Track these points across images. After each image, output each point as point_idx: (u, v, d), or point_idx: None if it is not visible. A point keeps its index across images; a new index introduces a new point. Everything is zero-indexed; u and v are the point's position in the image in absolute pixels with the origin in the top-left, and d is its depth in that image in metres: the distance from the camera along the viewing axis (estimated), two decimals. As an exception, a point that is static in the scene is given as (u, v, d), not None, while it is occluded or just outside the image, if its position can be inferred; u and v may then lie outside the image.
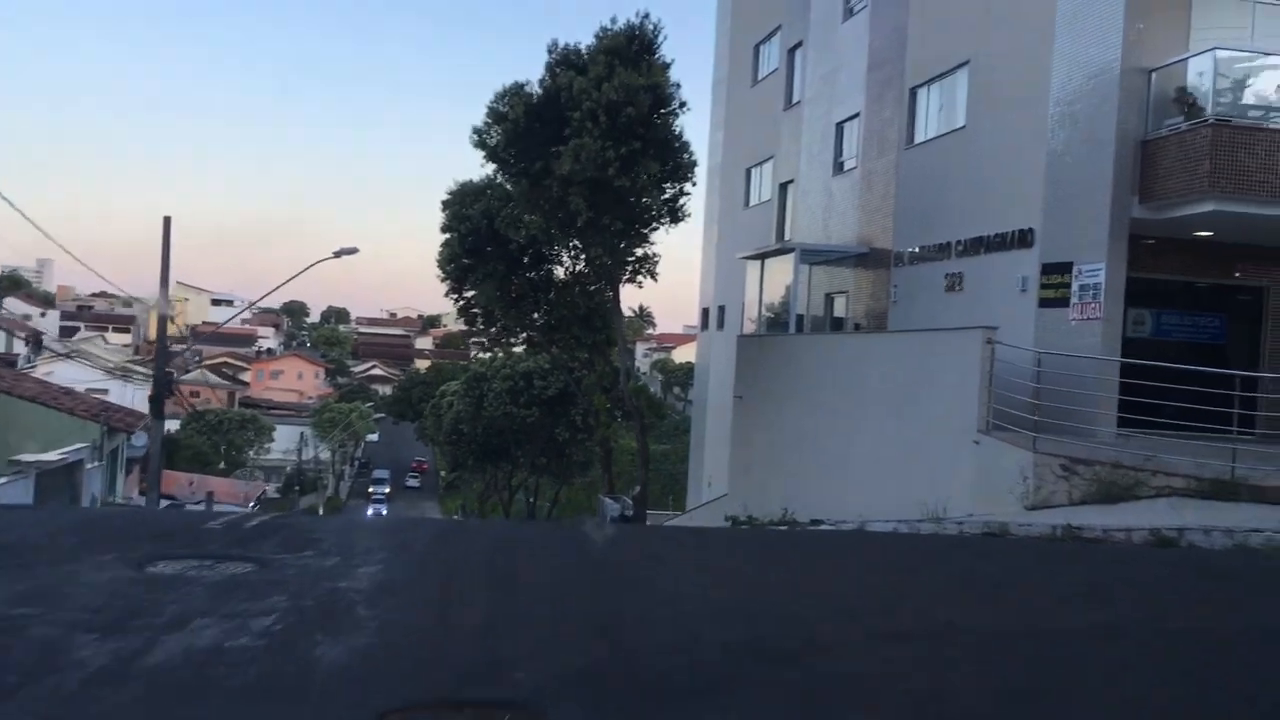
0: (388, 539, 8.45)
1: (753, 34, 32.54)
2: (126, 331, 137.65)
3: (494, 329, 28.45)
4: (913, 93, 22.33)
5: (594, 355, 28.11)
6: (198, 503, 46.44)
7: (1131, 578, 8.48)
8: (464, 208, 25.74)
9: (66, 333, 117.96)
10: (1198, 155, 14.71)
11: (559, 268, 26.91)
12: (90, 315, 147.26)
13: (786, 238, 27.92)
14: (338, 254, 31.54)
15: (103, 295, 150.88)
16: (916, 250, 21.58)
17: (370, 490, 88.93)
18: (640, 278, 25.08)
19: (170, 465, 65.03)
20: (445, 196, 26.57)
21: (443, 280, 27.41)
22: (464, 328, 29.23)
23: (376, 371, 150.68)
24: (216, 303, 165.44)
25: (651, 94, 21.33)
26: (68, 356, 44.41)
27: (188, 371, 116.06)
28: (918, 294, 21.39)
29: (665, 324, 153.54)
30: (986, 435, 14.80)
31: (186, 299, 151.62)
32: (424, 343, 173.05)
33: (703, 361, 35.86)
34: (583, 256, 25.02)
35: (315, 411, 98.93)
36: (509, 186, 23.67)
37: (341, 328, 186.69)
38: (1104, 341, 15.87)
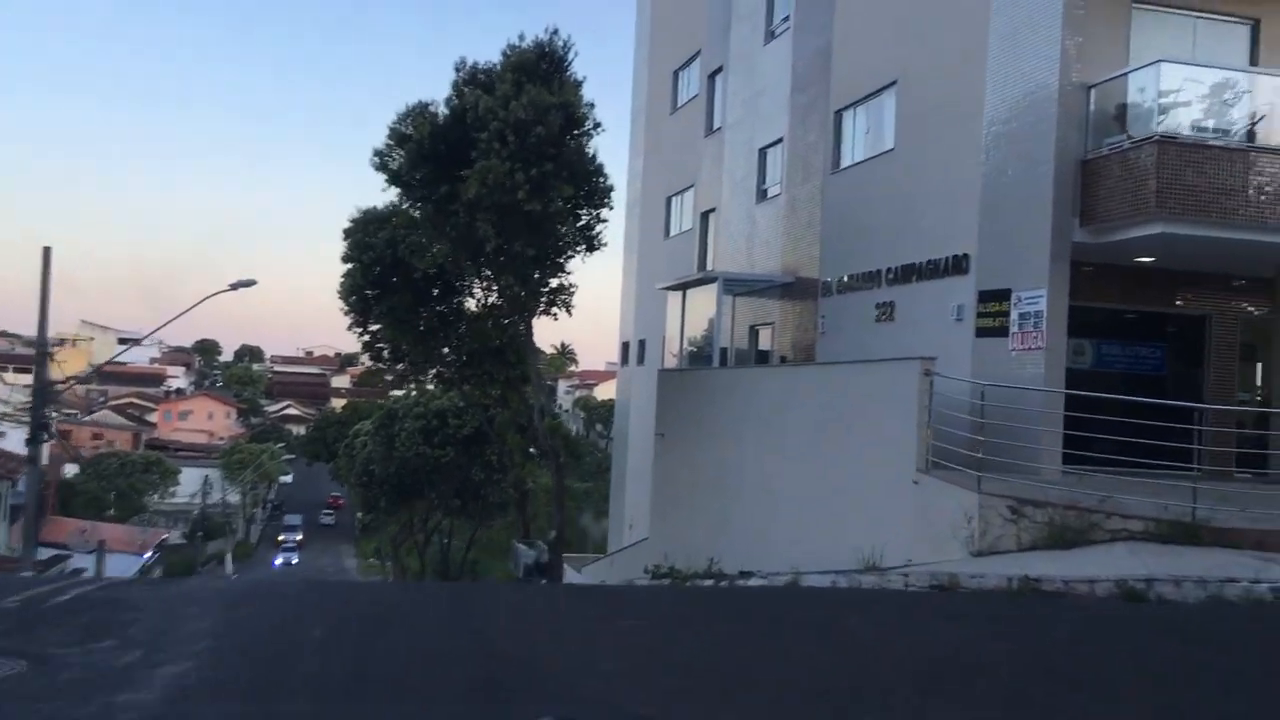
0: (223, 616, 6.86)
1: (672, 60, 31.56)
2: (28, 371, 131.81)
3: (402, 365, 26.74)
4: (838, 115, 21.38)
5: (508, 392, 26.54)
6: (89, 552, 43.57)
7: (1118, 647, 7.25)
8: (367, 236, 24.10)
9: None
10: (1143, 174, 13.83)
11: (470, 300, 25.37)
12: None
13: (709, 268, 26.78)
14: (234, 286, 29.66)
15: (3, 335, 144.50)
16: (845, 279, 20.53)
17: (280, 538, 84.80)
18: (555, 310, 23.66)
19: (66, 512, 61.46)
20: (347, 224, 24.89)
21: (346, 314, 25.65)
22: (370, 364, 27.41)
23: (291, 411, 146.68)
24: (124, 341, 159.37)
25: (563, 113, 20.01)
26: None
27: (91, 412, 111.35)
28: (846, 325, 20.32)
29: (588, 360, 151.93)
30: (926, 474, 13.63)
31: (92, 338, 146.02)
32: (341, 381, 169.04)
33: (623, 398, 34.50)
34: (494, 287, 23.53)
35: (224, 453, 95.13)
36: (414, 213, 22.15)
37: (256, 367, 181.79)
38: (1047, 373, 14.85)
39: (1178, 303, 17.12)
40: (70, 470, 79.17)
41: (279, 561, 75.97)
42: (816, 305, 21.67)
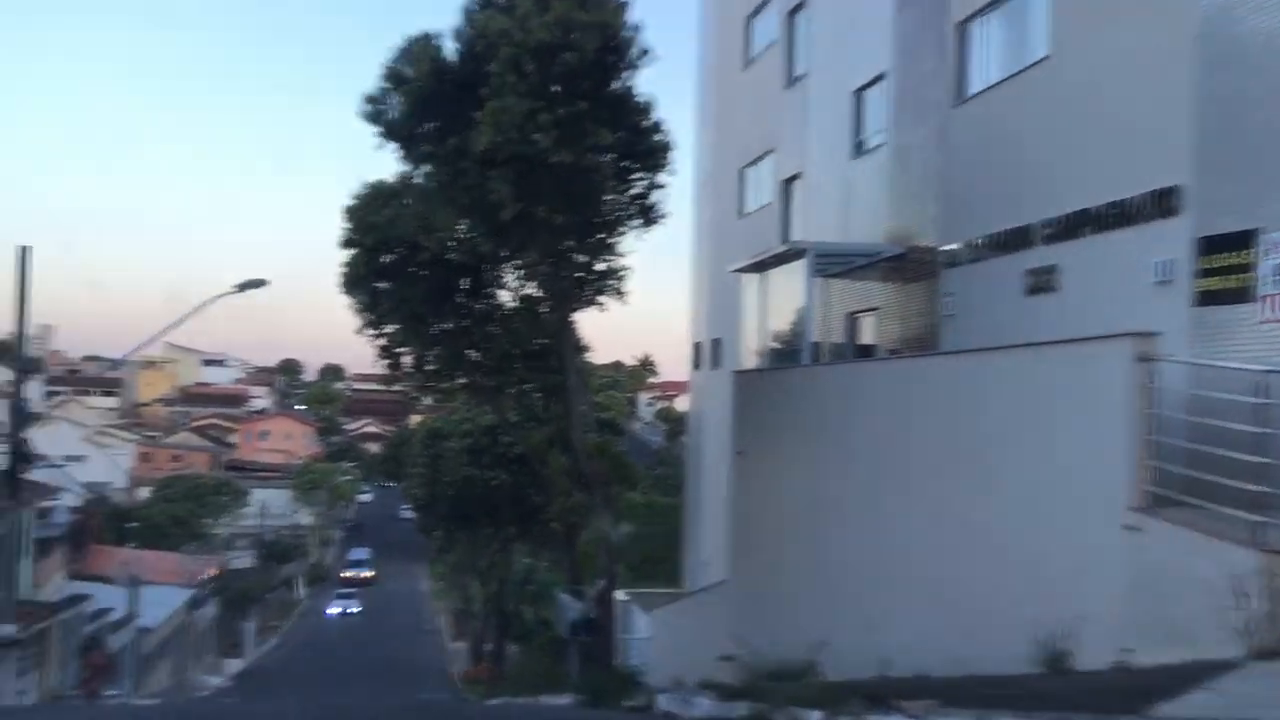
0: None
1: (743, 6, 26.63)
2: (114, 395, 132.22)
3: (428, 372, 22.15)
4: (961, 28, 16.28)
5: (552, 404, 21.80)
6: (138, 583, 39.85)
7: None
8: (371, 214, 19.64)
9: (51, 397, 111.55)
10: None
11: (505, 291, 20.72)
12: (77, 379, 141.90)
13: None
14: (242, 287, 25.68)
15: (94, 359, 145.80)
16: (978, 243, 15.41)
17: (343, 574, 76.33)
18: (602, 300, 18.91)
19: (122, 540, 58.44)
20: (350, 202, 20.36)
21: (358, 312, 21.18)
22: (388, 373, 22.86)
23: (371, 429, 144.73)
24: (209, 363, 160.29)
25: (600, 35, 15.32)
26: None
27: (173, 433, 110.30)
28: (983, 302, 15.19)
29: (672, 370, 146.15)
30: (1149, 515, 8.59)
31: (176, 360, 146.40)
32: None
33: (697, 407, 29.63)
34: (524, 270, 18.87)
35: (296, 473, 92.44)
36: (422, 178, 17.63)
37: (337, 385, 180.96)
38: (1330, 354, 9.62)
39: None
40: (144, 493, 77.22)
41: (334, 611, 64.37)
42: (937, 281, 16.58)
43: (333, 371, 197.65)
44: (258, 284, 25.88)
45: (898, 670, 9.11)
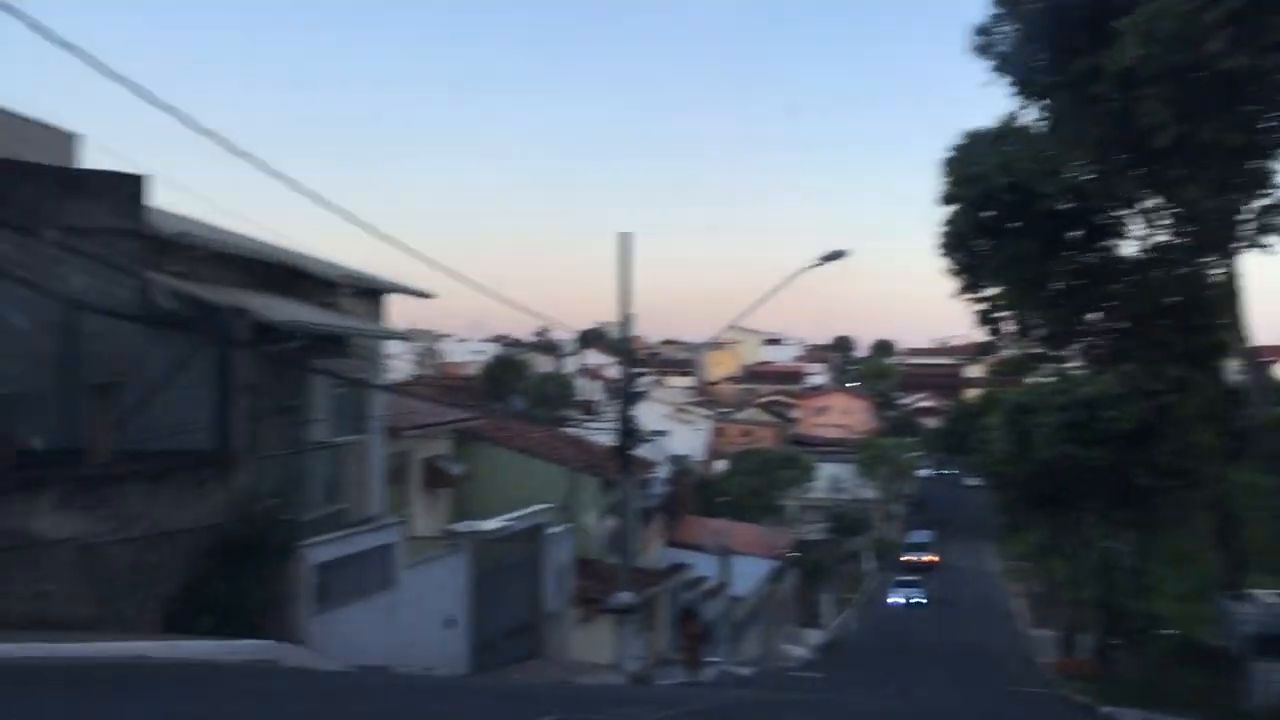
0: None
1: None
2: (688, 375, 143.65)
3: (1030, 339, 19.70)
4: None
5: (1191, 370, 18.23)
6: (727, 553, 41.97)
7: None
8: (972, 165, 17.65)
9: (638, 379, 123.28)
10: None
11: (1123, 241, 17.68)
12: (657, 362, 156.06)
13: None
14: (824, 259, 25.21)
15: (669, 343, 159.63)
16: None
17: (903, 557, 73.47)
18: (1267, 240, 15.26)
19: (708, 510, 62.20)
20: (948, 154, 18.48)
21: (955, 274, 19.32)
22: (988, 340, 20.72)
23: (926, 404, 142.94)
24: (768, 342, 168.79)
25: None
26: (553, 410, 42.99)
27: (741, 410, 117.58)
28: None
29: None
30: None
31: (740, 340, 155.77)
32: (977, 370, 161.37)
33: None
34: (1163, 212, 15.78)
35: (859, 448, 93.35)
36: (1036, 115, 15.34)
37: (889, 360, 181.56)
38: None
39: None
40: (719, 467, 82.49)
41: (895, 600, 61.07)
42: None
43: (883, 347, 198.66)
44: (838, 255, 25.16)
45: None
